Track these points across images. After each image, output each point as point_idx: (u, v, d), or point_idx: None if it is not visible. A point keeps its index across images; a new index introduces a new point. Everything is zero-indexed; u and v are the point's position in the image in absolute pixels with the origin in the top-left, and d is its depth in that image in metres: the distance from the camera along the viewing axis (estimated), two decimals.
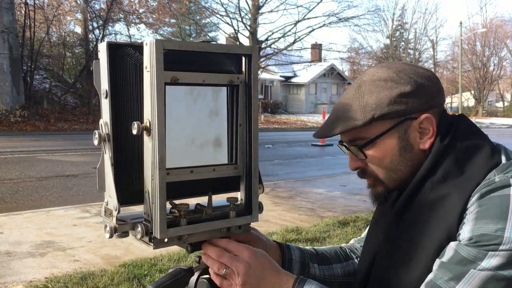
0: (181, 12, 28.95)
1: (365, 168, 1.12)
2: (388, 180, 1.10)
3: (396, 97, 1.04)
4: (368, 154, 1.08)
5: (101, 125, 0.97)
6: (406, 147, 1.06)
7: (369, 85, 1.07)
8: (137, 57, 0.94)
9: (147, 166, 0.92)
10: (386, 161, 1.07)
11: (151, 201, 0.92)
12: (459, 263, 0.91)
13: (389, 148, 1.06)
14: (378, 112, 1.03)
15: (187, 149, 0.98)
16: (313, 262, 1.28)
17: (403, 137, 1.06)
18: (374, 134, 1.06)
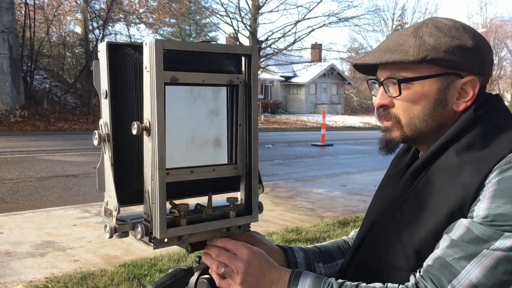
0: (181, 12, 28.95)
1: (390, 108, 1.08)
2: (409, 127, 1.06)
3: (455, 47, 1.01)
4: (403, 92, 1.04)
5: (101, 125, 0.97)
6: (441, 101, 1.03)
7: (431, 28, 1.04)
8: (137, 57, 0.94)
9: (147, 166, 0.92)
10: (417, 107, 1.04)
11: (151, 201, 0.92)
12: (471, 242, 0.88)
13: (425, 95, 1.03)
14: (433, 54, 1.00)
15: (187, 149, 0.98)
16: (317, 262, 1.27)
17: (443, 91, 1.03)
18: (418, 75, 1.03)
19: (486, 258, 0.86)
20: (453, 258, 0.89)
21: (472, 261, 0.87)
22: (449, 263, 0.88)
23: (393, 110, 1.08)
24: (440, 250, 0.91)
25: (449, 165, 0.99)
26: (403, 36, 1.05)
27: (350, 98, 48.04)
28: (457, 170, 0.97)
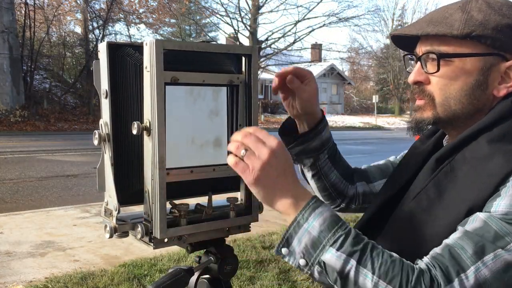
0: (181, 12, 28.96)
1: (425, 86, 1.00)
2: (442, 107, 0.98)
3: (504, 26, 0.93)
4: (442, 69, 0.96)
5: (101, 125, 0.97)
6: (481, 83, 0.95)
7: (481, 3, 0.96)
8: (137, 57, 0.94)
9: (147, 166, 0.92)
10: (454, 86, 0.96)
11: (151, 201, 0.92)
12: (486, 237, 0.81)
13: (465, 74, 0.95)
14: (480, 31, 0.92)
15: (187, 149, 0.98)
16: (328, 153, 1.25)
17: (485, 72, 0.95)
18: (460, 52, 0.95)
19: (498, 259, 0.80)
20: (464, 250, 0.81)
21: (484, 257, 0.80)
22: (460, 255, 0.81)
23: (428, 88, 0.99)
24: (451, 240, 0.84)
25: (476, 155, 0.91)
26: (450, 9, 0.98)
27: (350, 98, 48.06)
28: (484, 161, 0.89)
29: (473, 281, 0.79)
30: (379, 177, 1.32)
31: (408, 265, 0.82)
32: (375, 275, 0.80)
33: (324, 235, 0.83)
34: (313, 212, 0.85)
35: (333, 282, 0.83)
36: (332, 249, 0.81)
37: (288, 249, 0.85)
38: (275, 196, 0.86)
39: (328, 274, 0.82)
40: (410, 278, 0.79)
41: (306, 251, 0.83)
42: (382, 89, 48.04)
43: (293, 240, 0.85)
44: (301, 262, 0.84)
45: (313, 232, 0.83)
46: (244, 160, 0.85)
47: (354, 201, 1.34)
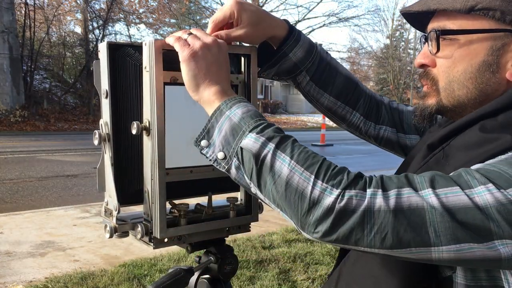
0: (181, 12, 28.96)
1: (430, 69, 0.90)
2: (445, 92, 0.87)
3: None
4: (444, 49, 0.86)
5: (101, 125, 0.97)
6: (490, 65, 0.83)
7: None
8: (137, 57, 0.94)
9: (146, 166, 0.92)
10: (459, 67, 0.85)
11: (151, 201, 0.92)
12: (451, 176, 0.72)
13: (471, 54, 0.83)
14: (486, 2, 0.81)
15: (187, 149, 0.98)
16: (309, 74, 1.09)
17: (495, 52, 0.82)
18: (465, 28, 0.83)
19: (454, 195, 0.68)
20: (420, 176, 0.72)
21: (437, 189, 0.69)
22: (413, 178, 0.72)
23: (433, 71, 0.89)
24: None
25: (471, 141, 0.80)
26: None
27: None
28: (477, 147, 0.78)
29: (416, 200, 0.68)
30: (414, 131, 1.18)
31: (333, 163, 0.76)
32: (293, 160, 0.74)
33: (246, 121, 0.79)
34: (238, 103, 0.82)
35: (249, 177, 0.78)
36: (251, 134, 0.77)
37: (208, 141, 0.81)
38: (205, 80, 0.85)
39: (244, 165, 0.77)
40: (332, 167, 0.74)
41: (225, 140, 0.79)
42: (382, 89, 48.02)
43: (214, 131, 0.81)
44: (219, 155, 0.80)
45: (234, 118, 0.80)
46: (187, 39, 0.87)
47: (375, 139, 1.19)
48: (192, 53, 0.84)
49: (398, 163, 1.07)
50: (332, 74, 1.13)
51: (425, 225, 0.68)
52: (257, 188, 0.77)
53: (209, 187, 1.03)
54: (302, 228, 0.73)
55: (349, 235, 0.70)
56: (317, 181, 0.72)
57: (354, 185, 0.71)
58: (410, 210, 0.68)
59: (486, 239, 0.68)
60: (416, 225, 0.68)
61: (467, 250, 0.68)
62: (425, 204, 0.68)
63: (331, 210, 0.70)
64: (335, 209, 0.70)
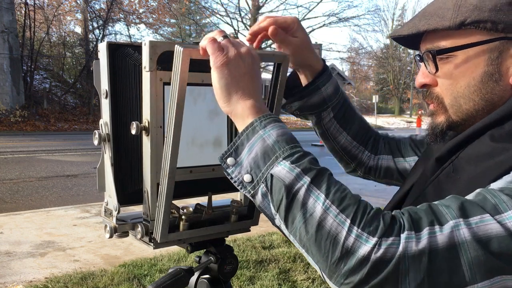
0: (181, 12, 28.97)
1: (433, 88, 0.89)
2: (453, 109, 0.86)
3: (504, 4, 0.80)
4: (443, 68, 0.85)
5: (101, 125, 0.97)
6: (492, 74, 0.82)
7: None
8: (137, 57, 0.94)
9: (146, 166, 0.92)
10: (461, 83, 0.83)
11: (150, 201, 0.92)
12: (477, 200, 0.68)
13: (470, 68, 0.82)
14: (475, 15, 0.80)
15: (187, 149, 0.98)
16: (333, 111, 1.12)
17: (494, 61, 0.81)
18: (460, 44, 0.82)
19: (486, 224, 0.64)
20: (446, 206, 0.68)
21: (469, 218, 0.65)
22: (439, 209, 0.68)
23: (436, 90, 0.88)
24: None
25: (480, 152, 0.78)
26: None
27: (350, 98, 48.01)
28: (489, 158, 0.76)
29: (448, 237, 0.64)
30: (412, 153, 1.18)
31: (369, 203, 0.70)
32: (329, 199, 0.67)
33: (280, 146, 0.72)
34: (273, 122, 0.75)
35: (276, 208, 0.70)
36: (285, 162, 0.70)
37: (235, 159, 0.74)
38: (238, 90, 0.77)
39: (273, 195, 0.70)
40: (368, 211, 0.68)
41: (254, 162, 0.72)
42: (382, 89, 48.04)
43: (243, 149, 0.73)
44: (246, 177, 0.72)
45: (268, 140, 0.72)
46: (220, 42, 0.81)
47: (374, 172, 1.21)
48: (226, 60, 0.78)
49: None
50: (351, 113, 1.17)
51: (460, 264, 0.64)
52: (282, 222, 0.70)
53: (209, 187, 1.03)
54: (330, 276, 0.67)
55: (383, 285, 0.64)
56: (353, 227, 0.65)
57: (390, 232, 0.65)
58: (444, 250, 0.64)
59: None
60: (451, 265, 0.64)
61: (499, 283, 0.65)
62: (457, 239, 0.64)
63: (366, 260, 0.64)
64: (370, 259, 0.64)
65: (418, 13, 0.90)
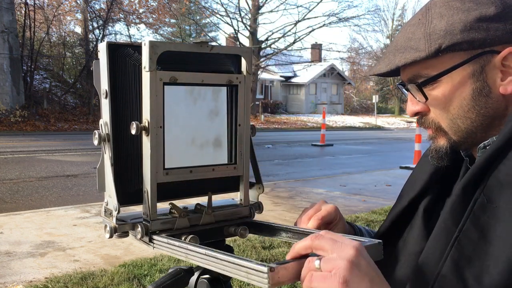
0: (181, 12, 28.99)
1: (426, 114, 0.89)
2: (452, 131, 0.86)
3: (473, 22, 0.80)
4: (431, 95, 0.85)
5: (101, 125, 0.97)
6: (481, 90, 0.82)
7: (440, 7, 0.84)
8: (137, 57, 0.94)
9: (146, 166, 0.92)
10: (453, 105, 0.84)
11: (150, 201, 0.92)
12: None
13: (458, 89, 0.83)
14: (448, 40, 0.80)
15: (187, 149, 0.98)
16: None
17: (479, 76, 0.82)
18: (441, 69, 0.83)
19: None
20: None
21: None
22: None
23: (430, 116, 0.89)
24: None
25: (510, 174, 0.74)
26: (411, 26, 0.87)
27: (350, 98, 48.08)
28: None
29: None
30: None
31: None
32: None
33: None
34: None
35: None
36: None
37: None
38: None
39: None
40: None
41: None
42: (382, 89, 48.05)
43: None
44: None
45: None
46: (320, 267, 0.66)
47: None
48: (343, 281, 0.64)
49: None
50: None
51: None
52: None
53: (209, 187, 1.03)
54: None
55: None
56: None
57: None
58: None
59: None
60: None
61: None
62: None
63: None
64: None
65: (390, 47, 0.90)
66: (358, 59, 46.14)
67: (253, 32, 28.46)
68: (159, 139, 0.91)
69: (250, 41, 28.07)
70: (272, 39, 29.19)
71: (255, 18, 28.45)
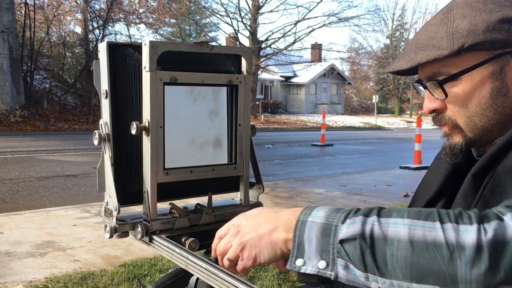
0: (181, 12, 28.98)
1: (443, 112, 0.92)
2: (469, 128, 0.89)
3: (496, 23, 0.83)
4: (451, 92, 0.88)
5: (101, 125, 0.98)
6: (500, 89, 0.85)
7: (462, 8, 0.87)
8: (137, 57, 0.94)
9: (146, 166, 0.92)
10: (472, 103, 0.87)
11: (150, 201, 0.92)
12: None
13: (477, 87, 0.86)
14: (471, 40, 0.83)
15: (187, 149, 0.98)
16: None
17: (498, 76, 0.85)
18: (462, 68, 0.86)
19: None
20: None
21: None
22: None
23: (447, 113, 0.91)
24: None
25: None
26: (433, 26, 0.89)
27: (350, 98, 48.08)
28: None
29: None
30: None
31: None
32: (406, 218, 0.65)
33: (332, 216, 0.70)
34: (314, 208, 0.74)
35: (363, 266, 0.66)
36: (344, 224, 0.68)
37: (303, 258, 0.71)
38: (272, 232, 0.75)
39: (352, 257, 0.66)
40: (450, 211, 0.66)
41: (320, 247, 0.69)
42: (382, 89, 48.04)
43: (303, 245, 0.71)
44: (321, 265, 0.69)
45: (320, 220, 0.71)
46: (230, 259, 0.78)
47: None
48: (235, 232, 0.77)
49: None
50: None
51: None
52: (377, 274, 0.65)
53: (209, 187, 1.03)
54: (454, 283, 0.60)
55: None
56: (445, 225, 0.63)
57: (487, 218, 0.63)
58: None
59: None
60: None
61: None
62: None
63: (479, 247, 0.60)
64: (483, 244, 0.60)
65: (411, 45, 0.92)
66: (358, 59, 46.13)
67: (253, 32, 28.45)
68: (159, 139, 0.91)
69: (250, 41, 28.06)
70: (272, 39, 29.19)
71: (255, 18, 28.44)
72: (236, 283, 0.75)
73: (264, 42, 29.05)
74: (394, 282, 0.64)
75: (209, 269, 0.79)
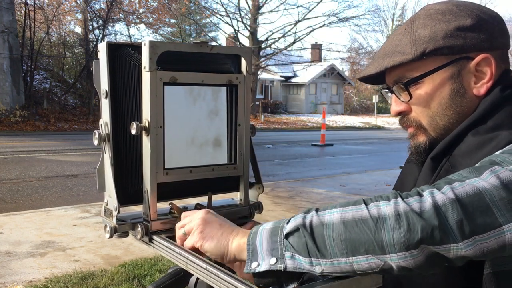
0: (181, 12, 28.98)
1: (408, 114, 1.01)
2: (432, 127, 0.99)
3: (453, 30, 0.93)
4: (415, 94, 0.97)
5: (101, 125, 0.98)
6: (458, 90, 0.95)
7: (423, 18, 0.97)
8: (137, 57, 0.94)
9: (146, 166, 0.92)
10: (434, 103, 0.97)
11: (150, 201, 0.92)
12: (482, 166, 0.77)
13: (438, 89, 0.96)
14: (431, 45, 0.93)
15: (187, 149, 0.98)
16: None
17: (457, 78, 0.95)
18: (424, 71, 0.95)
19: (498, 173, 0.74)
20: (459, 174, 0.77)
21: (482, 174, 0.74)
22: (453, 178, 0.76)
23: (412, 115, 1.01)
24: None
25: (471, 146, 0.90)
26: (398, 35, 0.99)
27: (350, 98, 48.06)
28: (479, 148, 0.88)
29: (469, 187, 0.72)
30: None
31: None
32: (338, 207, 0.76)
33: (279, 221, 0.80)
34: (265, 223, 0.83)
35: (306, 253, 0.74)
36: (289, 223, 0.77)
37: (257, 260, 0.78)
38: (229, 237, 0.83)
39: (297, 248, 0.75)
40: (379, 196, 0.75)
41: (269, 246, 0.77)
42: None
43: (256, 248, 0.79)
44: (272, 261, 0.76)
45: (268, 226, 0.79)
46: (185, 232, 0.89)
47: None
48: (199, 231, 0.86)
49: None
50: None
51: (489, 207, 0.71)
52: (319, 256, 0.74)
53: (209, 187, 1.03)
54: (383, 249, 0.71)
55: (432, 234, 0.69)
56: (369, 204, 0.74)
57: (406, 195, 0.73)
58: (470, 197, 0.71)
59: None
60: (482, 208, 0.71)
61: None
62: (479, 187, 0.72)
63: (398, 216, 0.71)
64: (401, 214, 0.71)
65: (379, 52, 1.02)
66: (358, 59, 46.11)
67: (253, 32, 28.46)
68: (159, 139, 0.91)
69: (250, 41, 28.07)
70: (272, 39, 29.19)
71: (255, 18, 28.45)
72: (236, 283, 0.75)
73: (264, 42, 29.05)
74: (334, 260, 0.73)
75: (209, 269, 0.79)
